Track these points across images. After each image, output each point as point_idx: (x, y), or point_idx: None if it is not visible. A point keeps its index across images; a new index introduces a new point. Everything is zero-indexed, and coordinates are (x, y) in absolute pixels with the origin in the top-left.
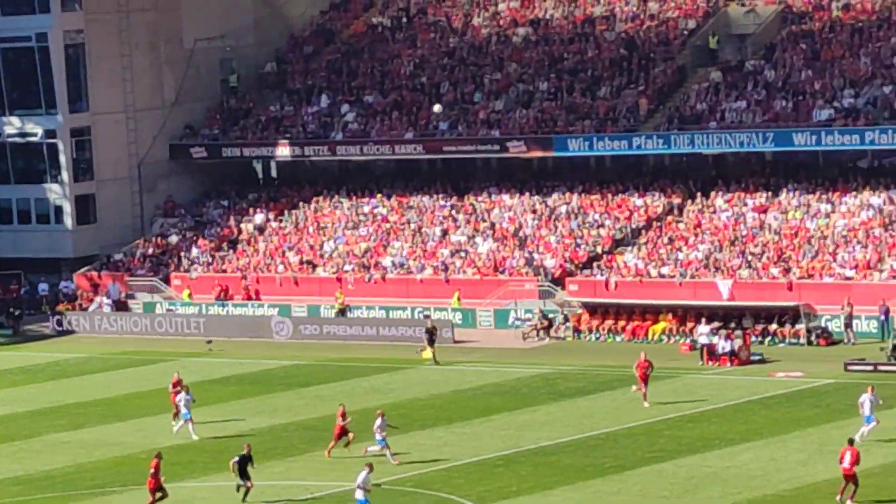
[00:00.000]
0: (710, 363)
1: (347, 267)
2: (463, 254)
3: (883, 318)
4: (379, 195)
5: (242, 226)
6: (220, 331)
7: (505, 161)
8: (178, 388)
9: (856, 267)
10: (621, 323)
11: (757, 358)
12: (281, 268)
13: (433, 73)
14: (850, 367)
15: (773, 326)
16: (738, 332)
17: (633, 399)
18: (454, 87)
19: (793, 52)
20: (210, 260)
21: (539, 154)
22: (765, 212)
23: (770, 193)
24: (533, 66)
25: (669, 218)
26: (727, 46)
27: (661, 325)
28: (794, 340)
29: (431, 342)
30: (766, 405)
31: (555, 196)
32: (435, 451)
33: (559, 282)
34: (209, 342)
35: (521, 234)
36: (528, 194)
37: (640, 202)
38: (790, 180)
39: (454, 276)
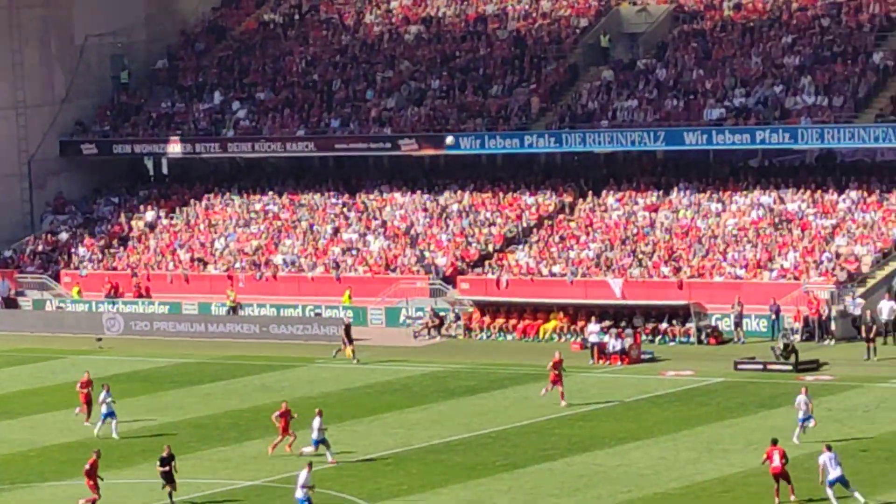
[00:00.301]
0: (601, 362)
1: (238, 265)
2: (354, 252)
3: (773, 317)
4: (270, 193)
5: (133, 223)
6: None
7: (397, 159)
8: (88, 389)
9: (746, 266)
10: (512, 321)
11: (647, 357)
12: (172, 265)
13: (325, 71)
14: (739, 366)
15: (664, 325)
16: (629, 331)
17: (523, 398)
18: (346, 84)
19: (684, 52)
20: (100, 257)
21: (431, 152)
22: (656, 210)
23: (661, 192)
24: (425, 64)
25: (561, 216)
26: (619, 45)
27: (552, 323)
28: (684, 339)
29: (349, 340)
30: (656, 404)
31: (446, 194)
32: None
33: (450, 280)
34: (99, 339)
35: (412, 232)
36: (419, 192)
37: (531, 200)
38: (681, 179)
39: (345, 274)
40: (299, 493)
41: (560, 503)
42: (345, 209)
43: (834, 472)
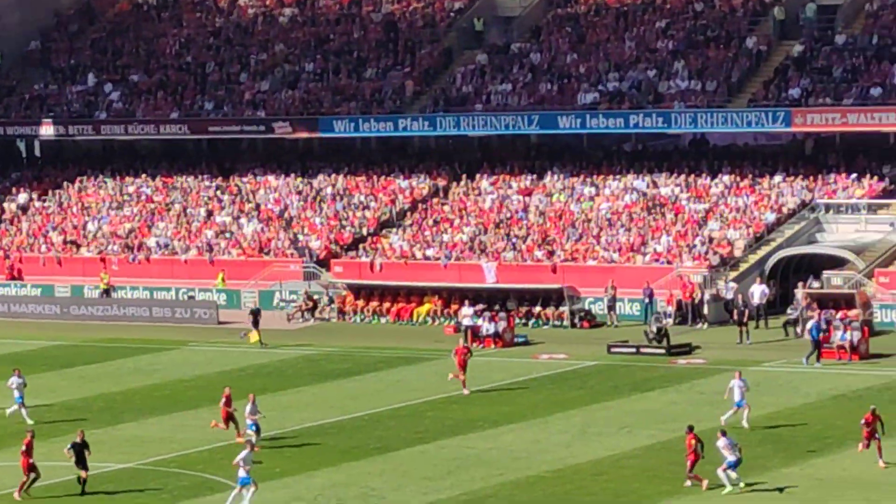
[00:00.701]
0: (475, 345)
1: (111, 247)
2: (228, 235)
3: (646, 300)
4: (144, 175)
5: (5, 205)
6: None
7: (270, 142)
8: None
9: (619, 250)
10: (386, 305)
11: (521, 340)
12: (44, 248)
13: (199, 53)
14: (613, 350)
15: (537, 309)
16: (503, 315)
17: (397, 381)
18: (220, 67)
19: (558, 35)
20: None
21: (305, 135)
22: (529, 194)
23: (535, 176)
24: (299, 47)
25: (435, 200)
26: (493, 29)
27: (426, 307)
28: (557, 323)
29: (256, 324)
30: (529, 387)
31: (320, 177)
32: (199, 431)
33: (324, 263)
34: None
35: (286, 215)
36: (293, 175)
37: (405, 184)
38: (555, 163)
39: (219, 256)
40: (241, 473)
41: (433, 486)
42: (218, 192)
43: (730, 457)
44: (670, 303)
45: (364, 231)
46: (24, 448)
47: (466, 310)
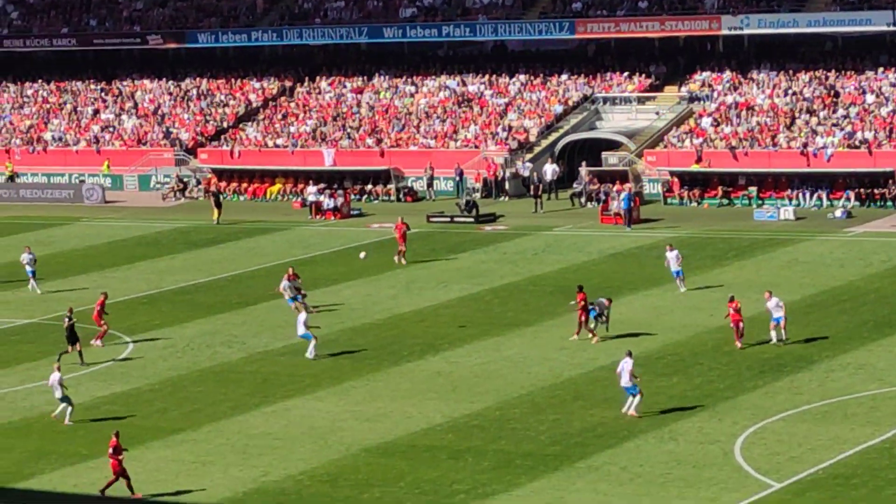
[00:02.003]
0: (318, 217)
1: (15, 141)
2: (112, 129)
3: (458, 178)
4: (40, 81)
5: None
6: None
7: (146, 52)
8: None
9: (436, 137)
10: (244, 185)
11: (356, 212)
12: None
13: None
14: (431, 219)
15: (369, 187)
16: (341, 192)
17: (253, 248)
18: None
19: None
20: None
21: (174, 46)
22: (361, 93)
23: (365, 78)
24: None
25: (283, 98)
26: None
27: (277, 186)
28: (386, 198)
29: (218, 205)
30: (363, 251)
31: (187, 81)
32: (89, 293)
33: (192, 152)
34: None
35: (160, 112)
36: (165, 79)
37: (258, 85)
38: (381, 67)
39: (105, 147)
40: (57, 394)
41: (285, 332)
42: (103, 94)
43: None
44: (478, 180)
45: (225, 125)
46: (110, 450)
47: (311, 188)
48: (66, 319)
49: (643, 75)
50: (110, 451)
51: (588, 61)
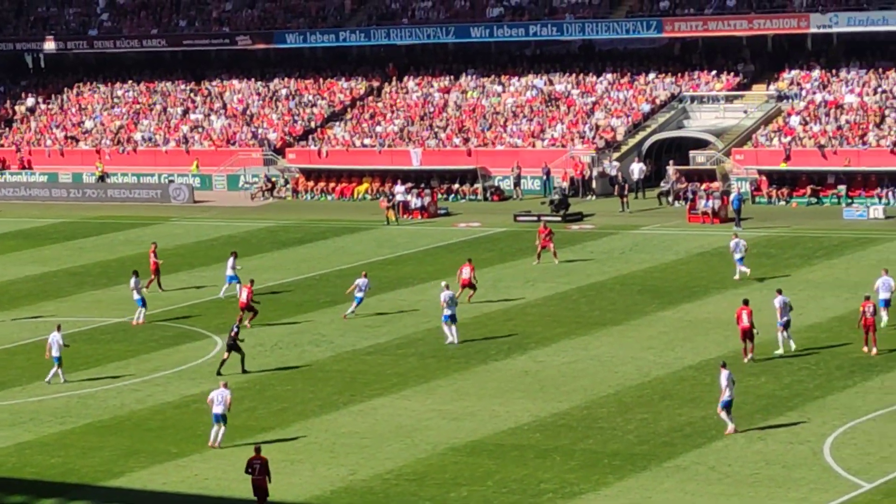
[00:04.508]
0: (406, 217)
1: (105, 141)
2: (200, 129)
3: (545, 178)
4: (130, 81)
5: (17, 108)
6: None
7: (234, 52)
8: None
9: (522, 137)
10: (332, 185)
11: (443, 212)
12: (49, 142)
13: None
14: (518, 218)
15: (456, 186)
16: (428, 191)
17: (341, 247)
18: None
19: None
20: None
21: (262, 46)
22: (448, 92)
23: (452, 77)
24: None
25: (370, 98)
26: None
27: (364, 186)
28: (472, 197)
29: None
30: (450, 250)
31: (276, 81)
32: (179, 292)
33: (280, 151)
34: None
35: (248, 112)
36: (253, 80)
37: (346, 85)
38: (468, 66)
39: (193, 147)
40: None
41: (373, 332)
42: (192, 94)
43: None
44: (565, 179)
45: (313, 124)
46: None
47: (399, 188)
48: (233, 329)
49: (731, 74)
50: (257, 467)
51: (675, 60)
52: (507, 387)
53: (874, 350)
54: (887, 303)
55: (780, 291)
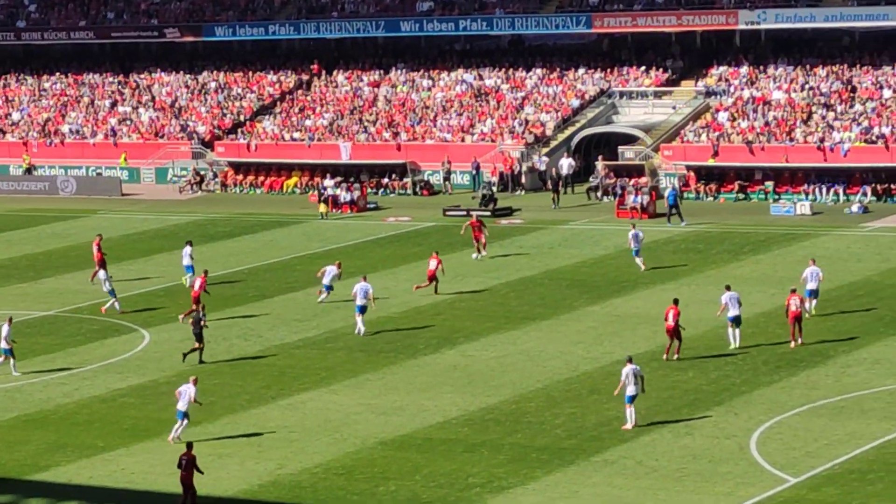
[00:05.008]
0: (335, 210)
1: (32, 133)
2: (129, 122)
3: (474, 172)
4: (58, 73)
5: None
6: None
7: (163, 45)
8: None
9: (452, 131)
10: (261, 178)
11: (372, 206)
12: None
13: None
14: (447, 213)
15: (385, 180)
16: (357, 185)
17: (270, 241)
18: None
19: None
20: None
21: (191, 39)
22: (377, 86)
23: (382, 71)
24: None
25: (299, 91)
26: None
27: (294, 180)
28: (402, 191)
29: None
30: (380, 244)
31: (204, 74)
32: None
33: (209, 144)
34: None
35: (176, 105)
36: (182, 72)
37: (274, 78)
38: (398, 60)
39: (121, 140)
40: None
41: (302, 326)
42: (120, 87)
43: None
44: (494, 174)
45: (241, 118)
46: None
47: (328, 182)
48: (201, 318)
49: (660, 70)
50: (184, 462)
51: (604, 55)
52: (435, 381)
53: (799, 341)
54: (814, 293)
55: (728, 287)
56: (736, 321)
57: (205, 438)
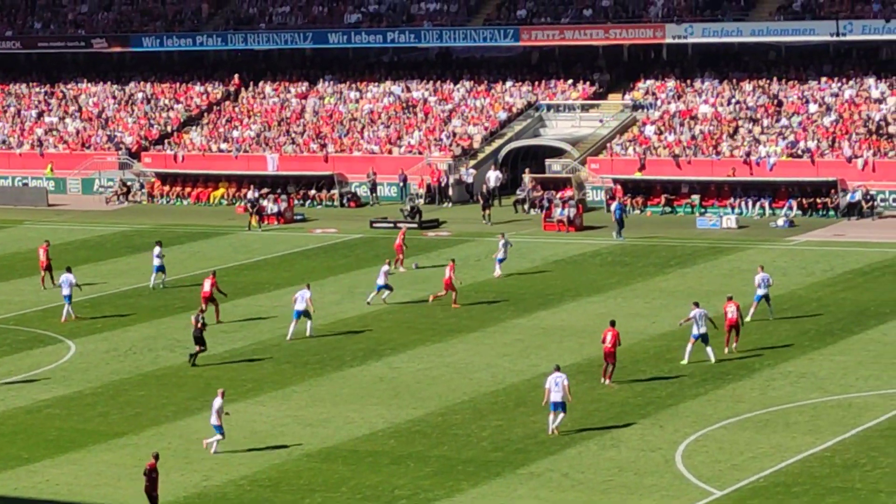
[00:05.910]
0: (262, 222)
1: None
2: (55, 132)
3: (401, 184)
4: None
5: None
6: None
7: (90, 55)
8: None
9: (379, 143)
10: (188, 189)
11: (299, 217)
12: None
13: None
14: (374, 225)
15: (313, 192)
16: (284, 197)
17: (197, 252)
18: None
19: None
20: None
21: (118, 49)
22: (305, 98)
23: (309, 83)
24: None
25: (227, 103)
26: None
27: (221, 191)
28: (329, 203)
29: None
30: (306, 256)
31: (132, 84)
32: (33, 294)
33: (136, 155)
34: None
35: (103, 116)
36: (109, 83)
37: (202, 89)
38: (326, 72)
39: (48, 150)
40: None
41: (229, 337)
42: (46, 97)
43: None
44: (421, 186)
45: (169, 128)
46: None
47: (253, 193)
48: (199, 321)
49: (587, 83)
50: (146, 471)
51: (532, 68)
52: (362, 393)
53: (734, 345)
54: (764, 298)
55: (696, 304)
56: (704, 339)
57: (130, 449)
